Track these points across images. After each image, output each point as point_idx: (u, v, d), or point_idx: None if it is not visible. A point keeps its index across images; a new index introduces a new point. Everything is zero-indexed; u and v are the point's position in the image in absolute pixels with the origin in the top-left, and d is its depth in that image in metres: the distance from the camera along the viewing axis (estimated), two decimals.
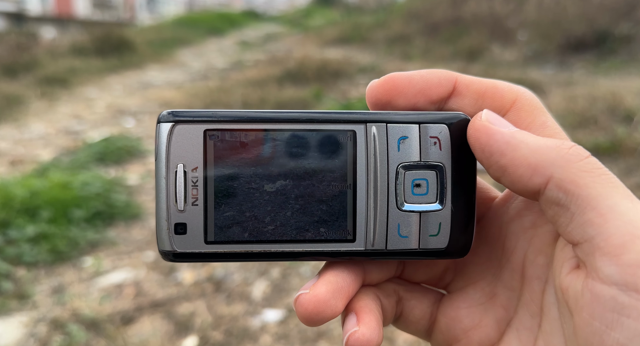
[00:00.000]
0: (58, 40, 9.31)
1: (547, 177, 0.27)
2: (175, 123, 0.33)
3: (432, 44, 6.76)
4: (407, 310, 0.38)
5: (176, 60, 7.83)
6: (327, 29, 9.89)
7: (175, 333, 1.70)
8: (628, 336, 0.22)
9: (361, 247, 0.34)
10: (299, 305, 0.32)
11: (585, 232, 0.25)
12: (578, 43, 5.31)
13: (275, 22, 14.84)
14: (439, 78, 0.33)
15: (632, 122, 3.08)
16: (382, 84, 0.34)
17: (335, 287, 0.32)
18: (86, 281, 2.01)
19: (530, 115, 0.32)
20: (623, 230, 0.24)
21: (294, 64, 5.93)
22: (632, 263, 0.23)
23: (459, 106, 0.34)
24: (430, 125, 0.33)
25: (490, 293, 0.36)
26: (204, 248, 0.33)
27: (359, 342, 0.32)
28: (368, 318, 0.33)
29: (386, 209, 0.33)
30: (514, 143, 0.29)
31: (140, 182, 3.06)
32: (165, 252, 0.33)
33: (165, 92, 5.41)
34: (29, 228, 2.29)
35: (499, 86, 0.33)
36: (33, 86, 5.45)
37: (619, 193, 0.25)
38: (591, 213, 0.25)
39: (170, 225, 0.33)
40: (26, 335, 1.69)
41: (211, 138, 0.33)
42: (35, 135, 4.00)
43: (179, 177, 0.32)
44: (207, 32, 11.08)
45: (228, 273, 2.04)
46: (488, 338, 0.35)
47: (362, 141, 0.33)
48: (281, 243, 0.33)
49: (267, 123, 0.33)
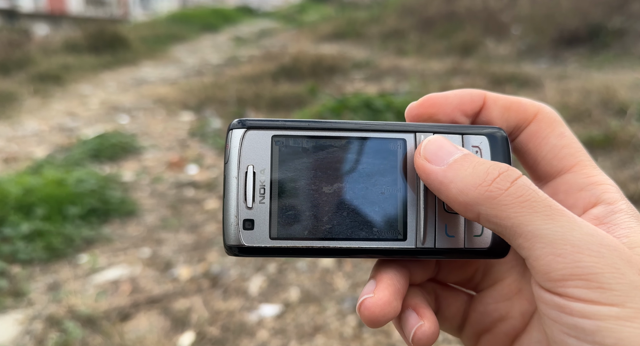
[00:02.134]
0: (51, 37, 9.23)
1: (476, 213, 0.31)
2: (247, 130, 0.36)
3: (426, 39, 6.76)
4: (444, 307, 0.41)
5: (170, 56, 7.79)
6: (321, 24, 9.86)
7: (172, 328, 1.71)
8: (568, 326, 0.28)
9: (412, 245, 0.37)
10: (364, 309, 0.34)
11: (521, 253, 0.30)
12: (571, 37, 5.32)
13: (270, 17, 14.78)
14: (471, 95, 0.38)
15: (625, 115, 3.09)
16: (421, 103, 0.39)
17: (394, 289, 0.35)
18: (82, 278, 2.01)
19: (550, 126, 0.37)
20: (545, 251, 0.29)
21: (288, 59, 5.91)
22: (557, 278, 0.28)
23: (488, 118, 0.38)
24: (471, 136, 0.38)
25: (516, 288, 0.39)
26: (269, 243, 0.35)
27: (425, 336, 0.35)
28: (428, 312, 0.36)
29: (435, 211, 0.37)
30: (445, 184, 0.32)
31: (135, 178, 3.05)
32: (232, 247, 0.36)
33: (159, 89, 5.38)
34: (24, 226, 2.28)
35: (522, 101, 0.38)
36: (26, 83, 5.41)
37: (539, 217, 0.29)
38: (519, 239, 0.30)
39: (239, 221, 0.35)
40: (22, 332, 1.69)
41: (277, 144, 0.36)
42: (28, 133, 3.97)
43: (249, 177, 0.36)
44: (201, 28, 11.03)
45: (224, 268, 2.04)
46: (514, 329, 0.39)
47: (412, 148, 0.37)
48: (338, 240, 0.36)
49: (326, 131, 0.37)
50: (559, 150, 0.36)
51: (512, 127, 0.38)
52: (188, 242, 2.28)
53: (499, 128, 0.38)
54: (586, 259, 0.28)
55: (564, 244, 0.28)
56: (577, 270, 0.28)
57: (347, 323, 1.67)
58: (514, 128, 0.38)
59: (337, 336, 1.62)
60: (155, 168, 3.22)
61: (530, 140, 0.38)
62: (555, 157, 0.36)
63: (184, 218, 2.52)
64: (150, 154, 3.48)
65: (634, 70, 4.26)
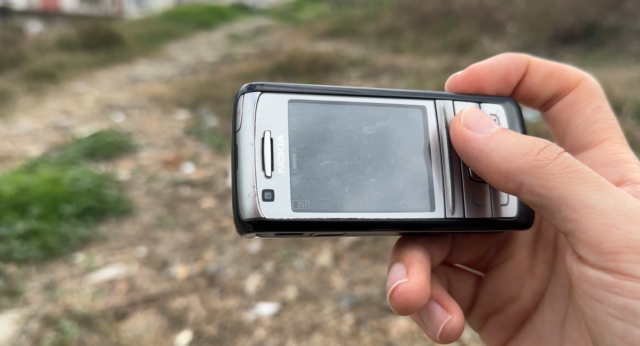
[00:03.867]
0: (45, 34, 9.17)
1: (518, 184, 0.29)
2: (261, 93, 0.33)
3: (422, 36, 6.76)
4: (454, 291, 0.39)
5: (165, 54, 7.76)
6: (317, 22, 9.85)
7: (169, 327, 1.70)
8: (616, 307, 0.26)
9: (441, 215, 0.34)
10: (399, 294, 0.31)
11: (566, 226, 0.28)
12: (567, 35, 5.34)
13: (265, 15, 14.74)
14: (516, 62, 0.36)
15: (620, 113, 3.11)
16: (466, 76, 0.36)
17: (427, 273, 0.33)
18: (78, 278, 2.00)
19: (589, 98, 0.35)
20: (597, 222, 0.26)
21: (284, 57, 5.90)
22: (609, 251, 0.26)
23: (529, 86, 0.36)
24: (489, 105, 0.37)
25: (527, 266, 0.38)
26: (291, 215, 0.32)
27: (455, 331, 0.33)
28: (454, 304, 0.34)
29: (460, 179, 0.35)
30: (486, 151, 0.31)
31: (130, 177, 3.04)
32: (249, 221, 0.32)
33: (154, 87, 5.36)
34: (19, 225, 2.27)
35: (565, 69, 0.36)
36: (20, 81, 5.37)
37: (588, 188, 0.27)
38: (566, 211, 0.28)
39: (257, 191, 0.32)
40: (18, 331, 1.68)
41: (294, 108, 0.34)
42: (23, 131, 3.95)
43: (266, 143, 0.32)
44: (196, 26, 10.98)
45: (221, 267, 2.04)
46: (524, 309, 0.37)
47: (432, 115, 0.36)
48: (364, 212, 0.33)
49: (345, 97, 0.35)
50: (591, 124, 0.35)
51: (550, 95, 0.36)
52: (184, 241, 2.27)
53: (510, 99, 0.37)
54: None
55: (617, 215, 0.26)
56: (632, 242, 0.25)
57: (345, 322, 1.67)
58: (552, 96, 0.36)
59: (335, 335, 1.62)
60: (151, 166, 3.21)
61: (565, 110, 0.36)
62: (586, 130, 0.35)
63: (180, 217, 2.51)
64: (145, 153, 3.47)
65: (629, 68, 4.27)
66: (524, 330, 0.37)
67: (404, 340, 1.56)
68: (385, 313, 1.69)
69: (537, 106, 0.38)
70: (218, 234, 2.31)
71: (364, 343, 1.57)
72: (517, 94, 0.37)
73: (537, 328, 0.36)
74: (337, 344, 1.58)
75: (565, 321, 0.35)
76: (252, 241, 2.21)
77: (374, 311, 1.70)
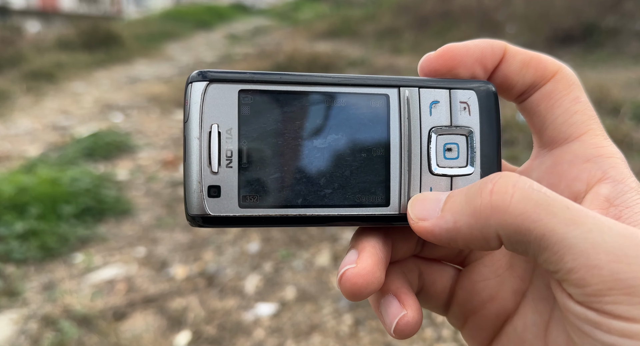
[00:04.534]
0: (43, 34, 9.16)
1: (496, 237, 0.28)
2: (209, 83, 0.32)
3: (421, 37, 6.76)
4: (428, 284, 0.38)
5: (164, 54, 7.75)
6: (316, 22, 9.85)
7: (168, 328, 1.70)
8: (603, 343, 0.25)
9: (395, 211, 0.33)
10: (346, 280, 0.31)
11: (549, 267, 0.27)
12: (565, 36, 5.35)
13: (264, 15, 14.73)
14: (492, 46, 0.34)
15: (618, 114, 3.12)
16: (440, 55, 0.35)
17: (378, 258, 0.32)
18: (77, 278, 2.00)
19: (567, 88, 0.34)
20: (578, 263, 0.25)
21: (283, 57, 5.90)
22: (594, 293, 0.25)
23: (506, 73, 0.35)
24: (459, 91, 0.34)
25: (507, 264, 0.36)
26: (238, 212, 0.32)
27: (409, 327, 0.32)
28: (411, 299, 0.33)
29: (419, 173, 0.33)
30: (451, 229, 0.29)
31: (129, 177, 3.04)
32: (195, 217, 0.32)
33: (153, 87, 5.36)
34: (18, 225, 2.26)
35: (542, 58, 0.35)
36: (18, 81, 5.37)
37: (561, 223, 0.26)
38: (546, 253, 0.26)
39: (203, 188, 0.31)
40: (17, 332, 1.68)
41: (245, 99, 0.32)
42: (21, 131, 3.94)
43: (214, 137, 0.31)
44: (195, 26, 10.98)
45: (220, 268, 2.04)
46: (505, 309, 0.35)
47: (395, 104, 0.33)
48: (315, 207, 0.32)
49: (301, 86, 0.33)
50: (570, 116, 0.33)
51: (527, 85, 0.35)
52: (184, 241, 2.27)
53: (487, 82, 0.35)
54: (626, 269, 0.24)
55: (597, 253, 0.25)
56: (617, 283, 0.24)
57: (344, 322, 1.68)
58: (529, 86, 0.35)
59: (334, 335, 1.62)
60: (149, 167, 3.21)
61: (542, 101, 0.34)
62: (566, 122, 0.33)
63: (179, 218, 2.51)
64: (144, 153, 3.46)
65: (627, 69, 4.28)
66: (505, 332, 0.35)
67: (403, 340, 1.57)
68: None
69: (513, 96, 0.36)
70: (217, 234, 2.31)
71: (363, 344, 1.58)
72: (493, 82, 0.36)
73: (519, 331, 0.34)
74: (336, 344, 1.58)
75: (549, 325, 0.33)
76: (251, 241, 2.22)
77: (373, 312, 1.70)
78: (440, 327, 1.59)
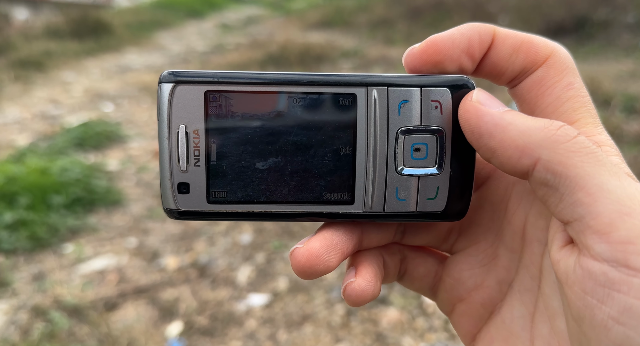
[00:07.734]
0: (31, 21, 9.01)
1: (534, 158, 0.27)
2: (176, 84, 0.33)
3: (414, 28, 6.74)
4: (412, 267, 0.39)
5: (155, 43, 7.66)
6: (309, 12, 9.78)
7: (159, 318, 1.70)
8: (619, 309, 0.23)
9: (359, 209, 0.34)
10: (292, 258, 0.33)
11: (575, 211, 0.26)
12: (557, 28, 5.36)
13: (256, 4, 14.60)
14: (480, 33, 0.33)
15: (609, 106, 3.14)
16: (424, 50, 0.33)
17: (329, 243, 0.33)
18: (67, 268, 1.99)
19: (559, 74, 0.32)
20: (611, 208, 0.24)
21: (276, 47, 5.86)
22: (621, 240, 0.23)
23: (495, 60, 0.33)
24: (432, 89, 0.33)
25: (492, 254, 0.36)
26: (206, 208, 0.34)
27: (354, 292, 0.34)
28: (365, 271, 0.35)
29: (385, 173, 0.34)
30: (502, 125, 0.28)
31: (120, 167, 3.01)
32: (170, 210, 0.34)
33: (144, 76, 5.30)
34: (7, 215, 2.24)
35: (534, 40, 0.32)
36: (6, 69, 5.28)
37: (607, 172, 0.26)
38: (580, 193, 0.25)
39: (173, 185, 0.34)
40: (6, 322, 1.67)
41: (212, 100, 0.33)
42: (10, 120, 3.89)
43: (181, 137, 0.33)
44: (186, 15, 10.86)
45: (212, 258, 2.04)
46: (490, 299, 0.36)
47: (362, 104, 0.33)
48: (281, 204, 0.34)
49: (267, 86, 0.33)
50: (561, 104, 0.32)
51: (517, 71, 0.33)
52: (175, 232, 2.26)
53: (464, 78, 0.33)
54: None
55: (633, 203, 0.24)
56: None
57: (335, 312, 1.68)
58: (519, 72, 0.33)
59: (325, 325, 1.63)
60: (140, 157, 3.18)
61: (533, 88, 0.32)
62: (556, 110, 0.32)
63: None
64: (135, 143, 3.44)
65: (619, 61, 4.31)
66: (493, 323, 0.35)
67: (394, 330, 1.58)
68: (375, 304, 1.70)
69: (503, 83, 0.35)
70: (209, 225, 2.30)
71: (355, 334, 1.59)
72: (481, 70, 0.34)
73: (507, 323, 0.34)
74: (327, 334, 1.59)
75: (534, 316, 0.33)
76: (244, 232, 2.21)
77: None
78: (432, 317, 1.61)
